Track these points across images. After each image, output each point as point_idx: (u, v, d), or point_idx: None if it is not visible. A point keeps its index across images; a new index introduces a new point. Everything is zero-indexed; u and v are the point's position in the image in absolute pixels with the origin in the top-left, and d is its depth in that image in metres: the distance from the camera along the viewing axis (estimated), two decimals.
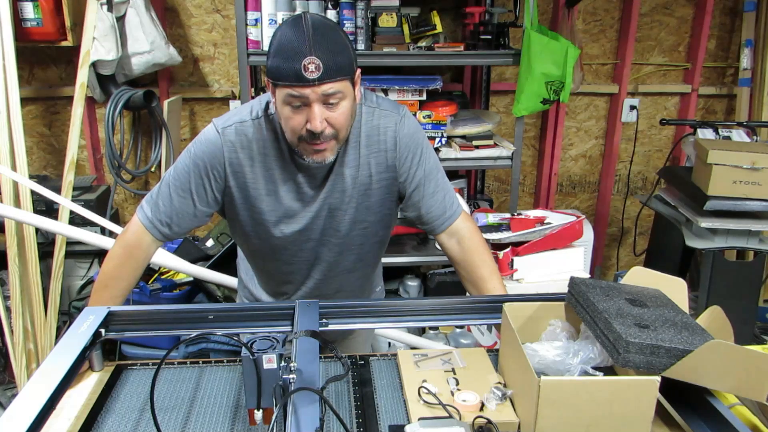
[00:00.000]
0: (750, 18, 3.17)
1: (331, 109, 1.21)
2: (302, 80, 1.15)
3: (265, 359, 0.93)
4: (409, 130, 1.39)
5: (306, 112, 1.19)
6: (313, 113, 1.19)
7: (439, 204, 1.44)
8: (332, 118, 1.21)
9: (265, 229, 1.38)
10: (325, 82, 1.16)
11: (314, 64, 1.15)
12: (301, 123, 1.21)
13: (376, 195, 1.39)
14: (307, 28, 1.16)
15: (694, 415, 1.00)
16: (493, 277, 1.44)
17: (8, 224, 2.39)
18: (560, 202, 3.52)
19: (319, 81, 1.16)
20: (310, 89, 1.16)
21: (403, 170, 1.39)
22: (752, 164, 2.36)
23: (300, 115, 1.20)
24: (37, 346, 2.52)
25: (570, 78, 2.50)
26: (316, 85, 1.16)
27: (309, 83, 1.16)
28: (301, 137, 1.23)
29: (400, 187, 1.41)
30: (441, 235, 1.47)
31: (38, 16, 2.56)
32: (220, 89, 3.10)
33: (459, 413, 1.01)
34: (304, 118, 1.20)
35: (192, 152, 1.34)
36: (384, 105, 1.38)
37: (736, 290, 2.59)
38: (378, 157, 1.36)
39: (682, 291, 1.17)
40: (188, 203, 1.35)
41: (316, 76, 1.15)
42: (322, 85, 1.17)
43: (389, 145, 1.36)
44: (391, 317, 1.27)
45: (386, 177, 1.38)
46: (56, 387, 0.95)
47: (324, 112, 1.20)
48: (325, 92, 1.17)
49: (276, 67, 1.18)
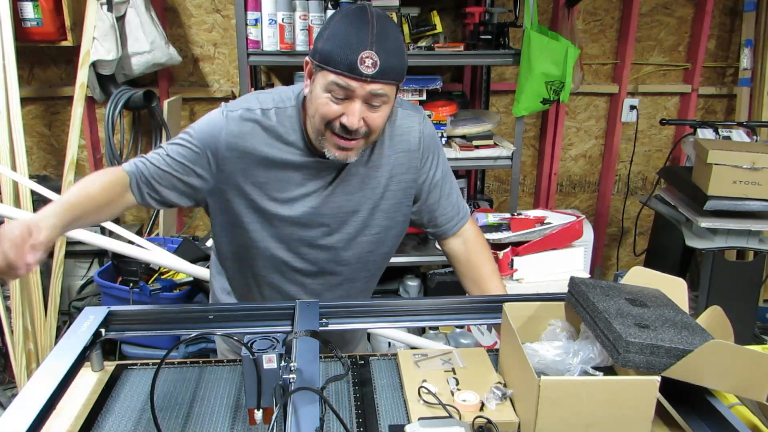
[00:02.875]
0: (750, 18, 3.17)
1: (372, 109, 1.16)
2: (354, 72, 1.11)
3: (265, 359, 0.93)
4: (431, 131, 1.38)
5: (345, 105, 1.15)
6: (353, 109, 1.14)
7: (453, 206, 1.44)
8: (370, 119, 1.17)
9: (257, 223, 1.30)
10: (376, 81, 1.12)
11: (372, 60, 1.10)
12: (336, 113, 1.15)
13: (391, 198, 1.35)
14: (372, 21, 1.12)
15: (694, 415, 1.00)
16: (495, 277, 1.46)
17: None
18: (560, 202, 3.52)
19: (371, 78, 1.12)
20: (359, 84, 1.12)
21: (424, 171, 1.37)
22: (752, 164, 2.36)
23: (338, 105, 1.15)
24: (37, 346, 2.52)
25: (570, 78, 2.50)
26: (366, 82, 1.12)
27: (360, 77, 1.11)
28: (329, 125, 1.17)
29: (417, 189, 1.38)
30: (449, 237, 1.46)
31: (38, 16, 2.56)
32: (220, 89, 3.10)
33: (459, 413, 1.01)
34: (341, 110, 1.15)
35: (193, 129, 1.29)
36: (405, 105, 1.37)
37: (736, 290, 2.59)
38: (401, 158, 1.33)
39: (682, 291, 1.17)
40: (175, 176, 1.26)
41: (370, 72, 1.11)
42: (372, 84, 1.12)
43: (413, 145, 1.34)
44: (391, 317, 1.27)
45: (406, 179, 1.35)
46: (56, 387, 0.95)
47: (364, 110, 1.15)
48: (372, 91, 1.13)
49: (329, 51, 1.12)
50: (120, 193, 1.24)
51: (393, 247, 1.45)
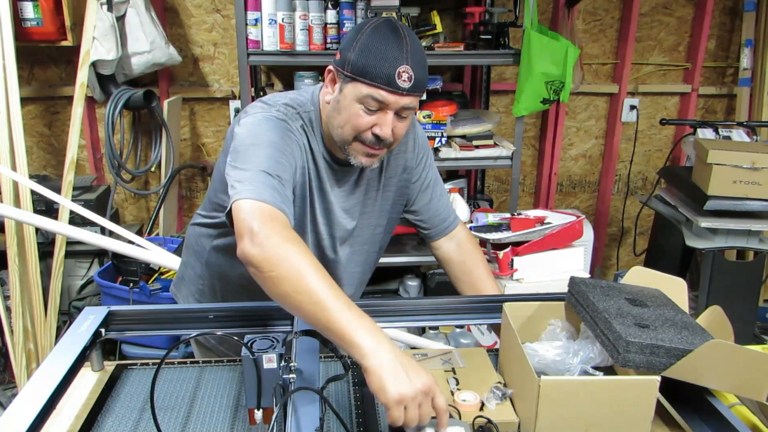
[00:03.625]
0: (750, 18, 3.17)
1: (400, 120, 1.21)
2: (392, 86, 1.14)
3: (265, 359, 0.93)
4: (422, 133, 1.45)
5: (377, 116, 1.18)
6: (387, 120, 1.18)
7: (445, 208, 1.49)
8: (397, 129, 1.21)
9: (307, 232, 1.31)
10: (411, 95, 1.17)
11: (408, 74, 1.14)
12: (368, 124, 1.18)
13: (390, 197, 1.41)
14: (405, 36, 1.15)
15: (694, 415, 1.00)
16: (489, 278, 1.49)
17: (8, 224, 2.39)
18: (560, 202, 3.52)
19: (407, 92, 1.16)
20: (396, 97, 1.16)
21: (417, 171, 1.42)
22: (752, 164, 2.36)
23: (371, 116, 1.18)
24: (37, 346, 2.52)
25: (570, 78, 2.50)
26: (402, 95, 1.16)
27: (397, 91, 1.15)
28: (359, 137, 1.20)
29: (410, 190, 1.43)
30: (441, 239, 1.50)
31: (38, 16, 2.56)
32: (220, 89, 3.10)
33: (459, 413, 1.01)
34: (373, 121, 1.18)
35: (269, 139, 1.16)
36: None
37: (736, 290, 2.59)
38: (398, 159, 1.38)
39: (682, 291, 1.17)
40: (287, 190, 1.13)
41: (406, 86, 1.15)
42: (406, 97, 1.16)
43: (409, 146, 1.39)
44: (391, 317, 1.27)
45: (402, 179, 1.40)
46: (56, 387, 0.95)
47: (394, 121, 1.19)
48: (405, 105, 1.17)
49: (364, 64, 1.14)
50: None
51: (386, 243, 1.51)
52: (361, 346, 0.90)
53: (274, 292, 0.98)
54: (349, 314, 0.92)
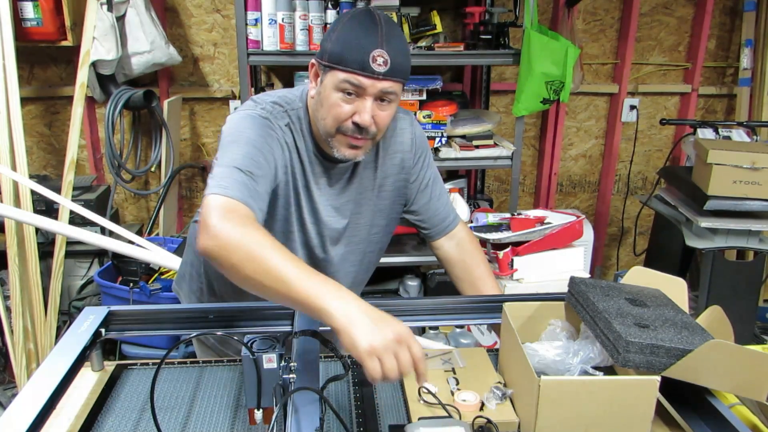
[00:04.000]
0: (750, 18, 3.17)
1: (381, 108, 1.20)
2: (367, 70, 1.14)
3: (265, 359, 0.93)
4: (421, 133, 1.43)
5: (356, 103, 1.18)
6: (365, 106, 1.17)
7: (444, 207, 1.48)
8: (379, 117, 1.20)
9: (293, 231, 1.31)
10: (387, 79, 1.16)
11: (383, 58, 1.14)
12: (348, 113, 1.18)
13: (388, 197, 1.40)
14: (381, 22, 1.16)
15: (694, 415, 1.00)
16: (490, 277, 1.48)
17: (8, 224, 2.39)
18: (560, 202, 3.52)
19: (383, 76, 1.15)
20: (372, 81, 1.15)
21: (415, 171, 1.41)
22: (752, 164, 2.36)
23: (349, 105, 1.18)
24: (37, 346, 2.52)
25: (570, 78, 2.50)
26: (378, 79, 1.15)
27: (373, 75, 1.15)
28: (341, 128, 1.20)
29: (408, 190, 1.42)
30: (441, 238, 1.49)
31: (38, 16, 2.56)
32: (220, 89, 3.10)
33: (459, 413, 1.01)
34: (353, 110, 1.18)
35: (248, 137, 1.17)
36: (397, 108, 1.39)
37: (736, 290, 2.59)
38: (395, 158, 1.37)
39: (682, 291, 1.17)
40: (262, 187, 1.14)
41: (382, 70, 1.14)
42: (383, 81, 1.16)
43: (406, 146, 1.38)
44: None
45: (400, 179, 1.39)
46: (56, 387, 0.95)
47: (374, 109, 1.19)
48: (383, 89, 1.17)
49: (339, 51, 1.15)
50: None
51: (386, 244, 1.50)
52: (328, 308, 0.89)
53: (238, 279, 0.98)
54: (312, 282, 0.92)
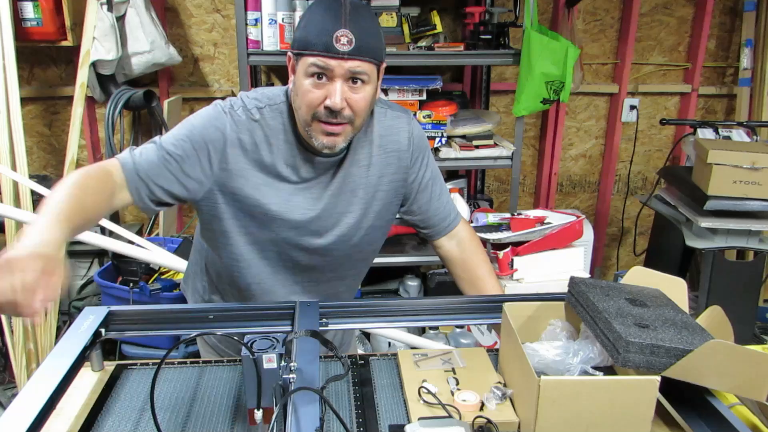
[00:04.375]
0: (750, 18, 3.17)
1: (354, 90, 1.17)
2: (331, 51, 1.12)
3: (265, 359, 0.93)
4: (420, 132, 1.40)
5: (327, 87, 1.15)
6: (334, 88, 1.15)
7: (444, 207, 1.45)
8: (352, 100, 1.17)
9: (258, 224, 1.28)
10: (354, 58, 1.13)
11: (347, 38, 1.12)
12: (319, 98, 1.16)
13: (383, 198, 1.36)
14: (345, 3, 1.14)
15: (694, 415, 1.00)
16: (491, 277, 1.46)
17: (8, 224, 2.39)
18: (560, 202, 3.52)
19: (348, 55, 1.13)
20: (337, 62, 1.13)
21: (413, 170, 1.38)
22: (752, 164, 2.36)
23: (320, 90, 1.16)
24: (37, 346, 2.52)
25: (570, 78, 2.50)
26: (344, 59, 1.13)
27: (338, 55, 1.12)
28: (315, 115, 1.17)
29: (406, 190, 1.39)
30: (442, 238, 1.47)
31: (38, 16, 2.56)
32: (220, 89, 3.10)
33: (459, 413, 1.01)
34: (323, 94, 1.16)
35: (191, 124, 1.25)
36: (394, 107, 1.38)
37: (736, 290, 2.59)
38: (391, 157, 1.34)
39: (682, 291, 1.17)
40: (174, 172, 1.22)
41: (346, 49, 1.12)
42: (350, 61, 1.13)
43: (403, 145, 1.35)
44: (391, 317, 1.27)
45: (396, 179, 1.36)
46: (56, 387, 0.95)
47: (346, 91, 1.16)
48: (351, 69, 1.14)
49: (304, 37, 1.14)
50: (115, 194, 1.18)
51: (380, 245, 1.47)
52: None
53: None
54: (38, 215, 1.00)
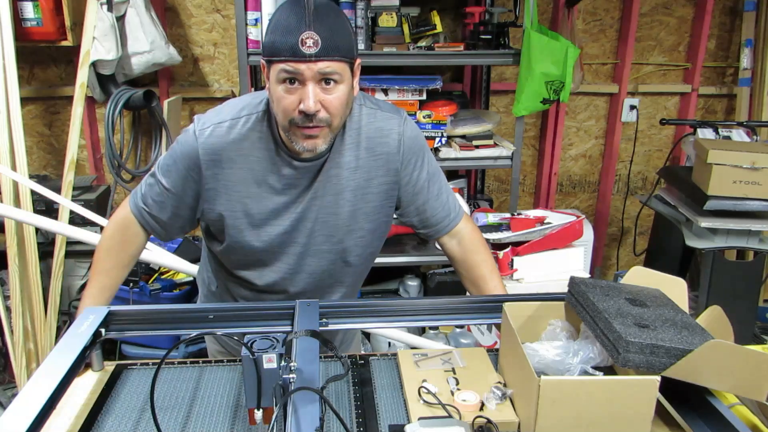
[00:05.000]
0: (750, 18, 3.17)
1: (327, 91, 1.15)
2: (298, 55, 1.10)
3: (265, 359, 0.93)
4: (412, 133, 1.36)
5: (300, 92, 1.14)
6: (306, 92, 1.13)
7: (443, 206, 1.42)
8: (327, 101, 1.15)
9: (246, 233, 1.30)
10: (322, 59, 1.11)
11: (312, 39, 1.10)
12: (294, 103, 1.15)
13: (373, 200, 1.34)
14: (308, 5, 1.12)
15: (694, 415, 1.00)
16: (493, 277, 1.44)
17: (8, 224, 2.39)
18: (560, 202, 3.52)
19: (316, 57, 1.11)
20: (306, 65, 1.11)
21: (406, 173, 1.35)
22: (752, 164, 2.36)
23: (293, 95, 1.14)
24: (37, 346, 2.52)
25: (570, 78, 2.50)
26: (312, 62, 1.11)
27: (305, 58, 1.11)
28: (292, 121, 1.17)
29: (400, 192, 1.37)
30: (444, 236, 1.45)
31: (38, 16, 2.56)
32: (220, 89, 3.10)
33: (459, 413, 1.01)
34: (297, 99, 1.14)
35: (172, 152, 1.30)
36: (385, 108, 1.35)
37: (736, 290, 2.59)
38: (379, 160, 1.32)
39: (682, 291, 1.17)
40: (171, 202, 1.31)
41: (313, 51, 1.10)
42: (318, 62, 1.11)
43: (393, 147, 1.32)
44: (390, 317, 1.27)
45: (387, 181, 1.34)
46: (56, 387, 0.95)
47: (319, 93, 1.14)
48: (321, 70, 1.12)
49: (271, 42, 1.13)
50: (139, 245, 1.40)
51: (378, 247, 1.45)
52: None
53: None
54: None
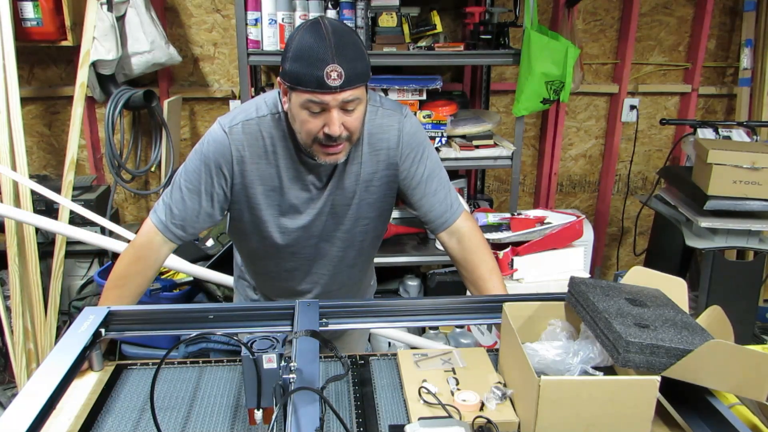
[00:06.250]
0: (750, 18, 3.17)
1: (348, 114, 1.24)
2: (324, 87, 1.18)
3: (265, 359, 0.93)
4: (411, 129, 1.41)
5: (324, 116, 1.22)
6: (332, 118, 1.21)
7: (441, 203, 1.46)
8: (348, 122, 1.24)
9: (269, 226, 1.40)
10: (345, 90, 1.19)
11: (336, 72, 1.17)
12: (318, 126, 1.23)
13: (377, 191, 1.42)
14: (328, 35, 1.18)
15: (694, 415, 1.00)
16: (492, 277, 1.45)
17: (8, 224, 2.39)
18: (560, 202, 3.52)
19: (340, 89, 1.18)
20: (331, 96, 1.19)
21: (404, 168, 1.41)
22: (752, 164, 2.36)
23: (318, 119, 1.22)
24: (37, 346, 2.52)
25: (570, 78, 2.50)
26: (337, 93, 1.19)
27: (330, 90, 1.18)
28: (315, 139, 1.25)
29: (400, 185, 1.44)
30: (442, 233, 1.49)
31: (38, 16, 2.56)
32: (220, 89, 3.10)
33: (459, 413, 1.01)
34: (321, 122, 1.22)
35: (201, 152, 1.35)
36: (387, 104, 1.41)
37: (736, 290, 2.59)
38: (380, 155, 1.39)
39: (682, 291, 1.17)
40: (200, 204, 1.36)
41: (338, 84, 1.18)
42: (342, 93, 1.19)
43: (392, 143, 1.39)
44: (390, 317, 1.27)
45: (387, 174, 1.41)
46: (56, 387, 0.95)
47: (341, 116, 1.22)
48: (345, 99, 1.20)
49: (296, 72, 1.19)
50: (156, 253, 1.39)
51: (384, 229, 1.55)
52: None
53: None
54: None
